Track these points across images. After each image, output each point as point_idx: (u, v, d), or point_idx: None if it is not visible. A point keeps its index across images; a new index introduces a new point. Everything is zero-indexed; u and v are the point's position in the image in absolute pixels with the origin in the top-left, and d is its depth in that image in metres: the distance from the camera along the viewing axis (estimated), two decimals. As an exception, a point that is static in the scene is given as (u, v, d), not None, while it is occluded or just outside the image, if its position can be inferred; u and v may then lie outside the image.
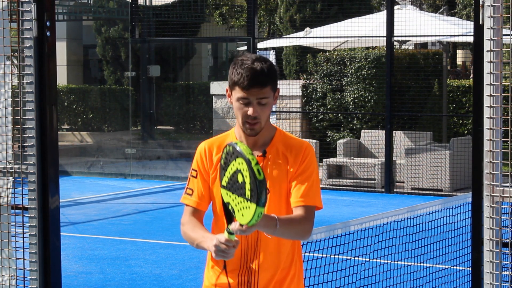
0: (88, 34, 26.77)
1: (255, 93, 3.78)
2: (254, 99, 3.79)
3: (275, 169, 3.90)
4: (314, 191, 3.87)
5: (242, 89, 3.78)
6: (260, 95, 3.78)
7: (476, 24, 3.96)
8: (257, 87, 3.77)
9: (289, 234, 3.79)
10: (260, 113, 3.81)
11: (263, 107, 3.81)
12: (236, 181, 3.52)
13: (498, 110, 3.89)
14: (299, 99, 18.58)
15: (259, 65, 3.78)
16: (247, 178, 3.46)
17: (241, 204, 3.51)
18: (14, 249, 4.58)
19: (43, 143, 4.44)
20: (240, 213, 3.52)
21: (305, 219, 3.81)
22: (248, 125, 3.83)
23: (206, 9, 24.51)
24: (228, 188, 3.57)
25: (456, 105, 18.89)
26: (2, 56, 4.60)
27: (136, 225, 12.79)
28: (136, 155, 19.83)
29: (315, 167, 3.92)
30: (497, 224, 3.91)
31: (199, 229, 3.90)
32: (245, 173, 3.47)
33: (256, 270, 3.90)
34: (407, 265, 7.54)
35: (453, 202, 7.38)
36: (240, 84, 3.77)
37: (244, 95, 3.78)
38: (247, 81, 3.76)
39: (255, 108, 3.80)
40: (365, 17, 18.82)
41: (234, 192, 3.53)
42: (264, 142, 3.93)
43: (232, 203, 3.57)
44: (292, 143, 3.94)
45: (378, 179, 16.51)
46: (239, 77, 3.77)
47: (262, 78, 3.77)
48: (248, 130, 3.86)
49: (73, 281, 9.23)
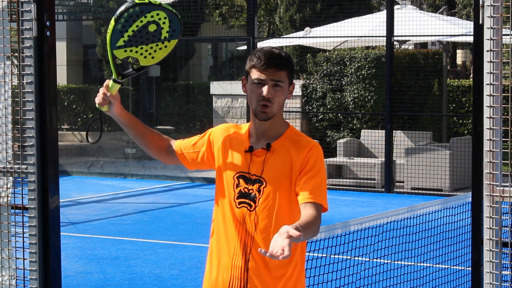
0: (88, 34, 26.77)
1: (271, 74, 3.85)
2: (269, 80, 3.85)
3: (275, 163, 3.91)
4: (321, 190, 3.86)
5: (259, 69, 3.86)
6: (276, 76, 3.86)
7: (476, 24, 3.96)
8: (273, 68, 3.85)
9: (307, 236, 3.74)
10: (274, 96, 3.87)
11: (277, 91, 3.87)
12: (146, 32, 3.94)
13: (498, 110, 3.89)
14: (299, 99, 18.58)
15: (277, 51, 3.91)
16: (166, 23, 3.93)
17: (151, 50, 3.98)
18: (14, 249, 4.58)
19: (43, 143, 4.44)
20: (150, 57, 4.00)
21: (317, 218, 3.78)
22: (260, 107, 3.88)
23: (206, 9, 24.51)
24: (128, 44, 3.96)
25: (456, 105, 18.90)
26: (2, 56, 4.60)
27: (136, 225, 12.80)
28: (136, 155, 19.83)
29: (322, 167, 3.91)
30: (497, 224, 3.91)
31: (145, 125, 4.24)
32: (162, 20, 3.93)
33: (251, 266, 3.90)
34: (407, 265, 7.54)
35: (453, 202, 7.38)
36: (257, 65, 3.87)
37: (260, 75, 3.86)
38: (264, 61, 3.85)
39: (270, 89, 3.86)
40: (365, 17, 18.82)
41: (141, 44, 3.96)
42: (274, 136, 3.96)
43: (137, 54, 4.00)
44: (300, 141, 3.95)
45: (378, 179, 16.51)
46: (257, 59, 3.88)
47: (279, 60, 3.87)
48: (259, 113, 3.90)
49: (73, 281, 9.23)
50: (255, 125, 3.97)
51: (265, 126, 3.94)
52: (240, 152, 3.97)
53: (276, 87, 3.87)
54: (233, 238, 3.93)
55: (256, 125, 3.96)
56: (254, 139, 3.98)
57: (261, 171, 3.91)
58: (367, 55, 18.16)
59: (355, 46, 19.30)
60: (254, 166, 3.93)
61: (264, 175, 3.91)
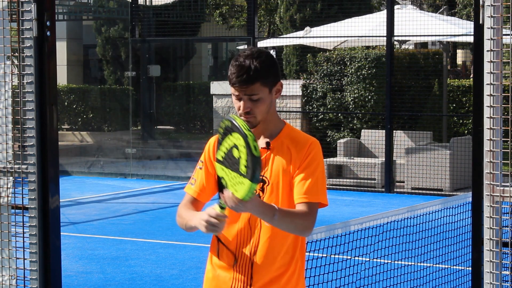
0: (88, 34, 26.77)
1: (243, 90, 3.85)
2: (243, 95, 3.86)
3: (277, 162, 3.91)
4: (318, 188, 3.87)
5: (232, 85, 3.87)
6: (248, 92, 3.85)
7: (476, 24, 3.96)
8: (243, 84, 3.84)
9: (288, 227, 3.79)
10: (253, 108, 3.87)
11: (255, 103, 3.87)
12: (231, 156, 3.57)
13: (498, 109, 3.89)
14: (299, 99, 18.58)
15: (248, 62, 3.83)
16: (243, 154, 3.50)
17: (235, 179, 3.55)
18: (14, 249, 4.58)
19: (43, 143, 4.44)
20: (234, 188, 3.56)
21: (306, 215, 3.81)
22: (244, 118, 3.88)
23: (206, 8, 24.51)
24: (223, 163, 3.61)
25: (456, 104, 18.89)
26: (2, 56, 4.60)
27: (136, 225, 12.80)
28: (136, 155, 19.83)
29: (320, 163, 3.91)
30: (497, 224, 3.91)
31: (191, 210, 3.99)
32: (241, 149, 3.51)
33: (251, 263, 3.89)
34: (407, 265, 7.54)
35: (453, 202, 7.38)
36: (230, 81, 3.88)
37: (234, 91, 3.88)
38: (234, 78, 3.85)
39: (246, 103, 3.86)
40: (365, 17, 18.82)
41: (229, 167, 3.57)
42: (270, 135, 3.96)
43: (226, 178, 3.60)
44: (298, 138, 3.96)
45: (378, 179, 16.51)
46: (230, 74, 3.87)
47: (248, 76, 3.82)
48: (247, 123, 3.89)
49: (73, 281, 9.23)
50: None
51: (258, 128, 3.95)
52: None
53: (252, 100, 3.87)
54: (235, 238, 3.92)
55: None
56: None
57: (264, 171, 3.91)
58: (367, 55, 18.16)
59: (355, 46, 19.30)
60: None
61: (267, 174, 3.91)
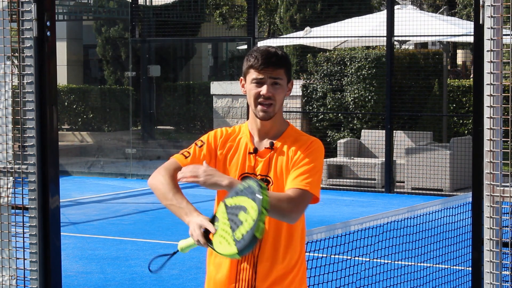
0: (88, 34, 26.77)
1: (269, 72, 3.88)
2: (267, 78, 3.88)
3: (280, 162, 3.92)
4: (309, 178, 3.83)
5: (257, 69, 3.88)
6: (274, 74, 3.89)
7: (476, 24, 3.96)
8: (271, 66, 3.88)
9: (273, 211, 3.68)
10: (274, 94, 3.89)
11: (276, 89, 3.89)
12: (236, 214, 3.49)
13: (498, 110, 3.89)
14: (299, 99, 18.57)
15: (273, 49, 3.93)
16: (248, 225, 3.41)
17: (227, 235, 3.47)
18: (14, 249, 4.58)
19: (43, 143, 4.44)
20: (220, 239, 3.49)
21: (291, 199, 3.75)
22: (261, 107, 3.89)
23: (206, 9, 24.52)
24: (227, 209, 3.55)
25: (456, 105, 18.89)
26: (2, 56, 4.60)
27: (136, 225, 12.80)
28: (136, 155, 19.83)
29: (318, 158, 3.89)
30: (497, 224, 3.91)
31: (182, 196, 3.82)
32: (248, 219, 3.43)
33: (255, 263, 3.89)
34: (407, 265, 7.54)
35: (453, 202, 7.38)
36: (255, 65, 3.89)
37: (259, 74, 3.88)
38: (262, 60, 3.87)
39: (269, 88, 3.88)
40: (365, 17, 18.82)
41: (229, 220, 3.51)
42: (276, 135, 3.97)
43: (220, 223, 3.53)
44: (301, 138, 3.97)
45: (378, 179, 16.51)
46: (254, 59, 3.89)
47: (276, 59, 3.89)
48: (260, 113, 3.90)
49: (73, 281, 9.23)
50: (256, 125, 3.97)
51: (266, 126, 3.95)
52: (243, 153, 3.96)
53: (275, 85, 3.90)
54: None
55: (258, 125, 3.96)
56: (256, 139, 3.98)
57: (267, 171, 3.91)
58: (367, 55, 18.16)
59: (355, 46, 19.30)
60: (260, 166, 3.93)
61: (271, 174, 3.91)
